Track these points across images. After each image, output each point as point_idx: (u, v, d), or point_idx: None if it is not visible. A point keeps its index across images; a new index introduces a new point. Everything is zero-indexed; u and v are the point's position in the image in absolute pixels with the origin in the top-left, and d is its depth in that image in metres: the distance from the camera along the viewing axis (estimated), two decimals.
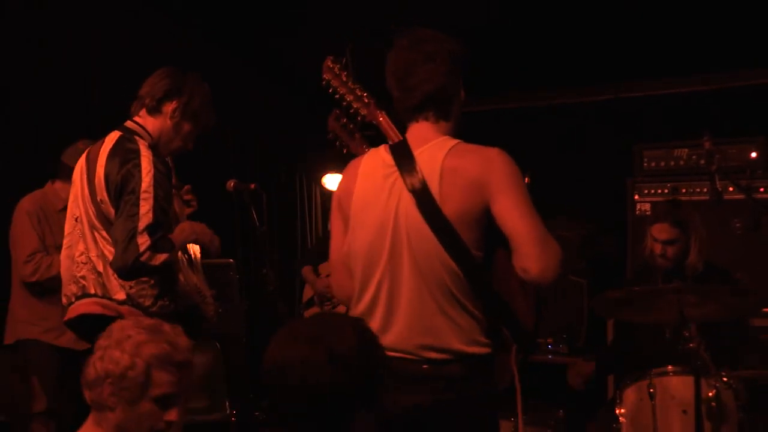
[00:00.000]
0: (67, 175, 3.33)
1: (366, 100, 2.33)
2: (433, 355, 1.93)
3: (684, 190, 4.41)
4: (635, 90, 5.56)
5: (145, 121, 2.60)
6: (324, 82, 2.38)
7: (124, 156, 2.44)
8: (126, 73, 3.94)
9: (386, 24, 2.36)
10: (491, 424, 2.04)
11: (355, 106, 2.34)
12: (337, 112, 2.46)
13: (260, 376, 1.60)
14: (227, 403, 3.77)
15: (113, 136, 2.53)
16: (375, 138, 2.39)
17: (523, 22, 4.62)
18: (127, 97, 2.68)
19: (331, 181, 5.90)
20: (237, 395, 3.90)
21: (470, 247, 1.91)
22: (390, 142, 2.22)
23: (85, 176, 2.54)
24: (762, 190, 4.10)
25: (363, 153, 2.36)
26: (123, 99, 2.72)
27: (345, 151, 2.47)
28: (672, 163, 4.52)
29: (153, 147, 2.53)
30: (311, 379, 1.52)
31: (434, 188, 1.92)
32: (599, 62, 5.13)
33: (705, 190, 4.15)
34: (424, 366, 1.93)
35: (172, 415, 1.92)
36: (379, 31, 2.34)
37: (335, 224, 2.17)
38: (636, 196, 4.57)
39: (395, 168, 1.99)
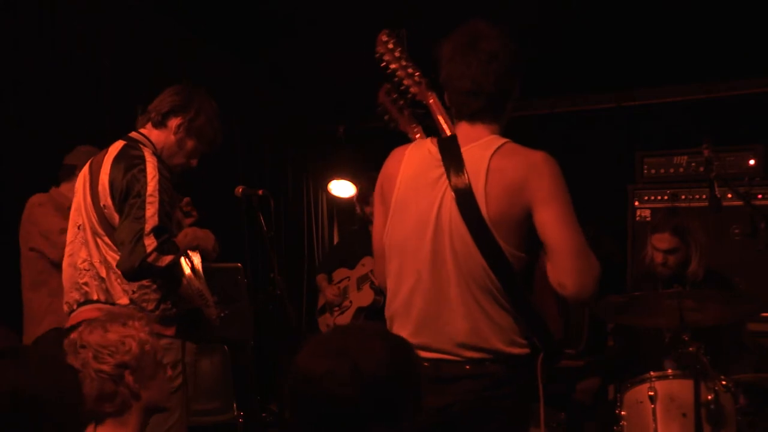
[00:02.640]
0: (69, 174, 3.33)
1: (417, 79, 2.24)
2: (475, 354, 1.89)
3: (683, 197, 4.47)
4: (636, 98, 5.62)
5: (149, 133, 2.63)
6: (377, 55, 2.30)
7: (129, 162, 2.47)
8: (132, 79, 4.04)
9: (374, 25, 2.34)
10: (525, 423, 2.01)
11: (405, 83, 2.26)
12: (388, 86, 2.39)
13: (284, 384, 1.59)
14: (235, 405, 3.81)
15: (117, 145, 2.56)
16: (425, 116, 2.34)
17: (523, 30, 4.66)
18: (135, 101, 2.73)
19: (337, 187, 5.95)
20: (244, 397, 3.94)
21: (510, 250, 1.87)
22: (440, 125, 2.16)
23: (87, 184, 2.57)
24: (760, 196, 4.15)
25: (411, 130, 2.34)
26: (130, 103, 2.77)
27: (393, 126, 2.41)
28: (672, 170, 4.57)
29: (157, 156, 2.56)
30: (333, 391, 1.49)
31: (478, 188, 1.87)
32: (601, 71, 5.18)
33: (704, 196, 4.19)
34: (467, 366, 1.90)
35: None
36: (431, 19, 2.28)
37: (377, 210, 2.10)
38: (636, 203, 4.63)
39: (441, 163, 1.94)
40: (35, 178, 3.51)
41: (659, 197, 4.55)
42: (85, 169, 2.63)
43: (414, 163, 2.00)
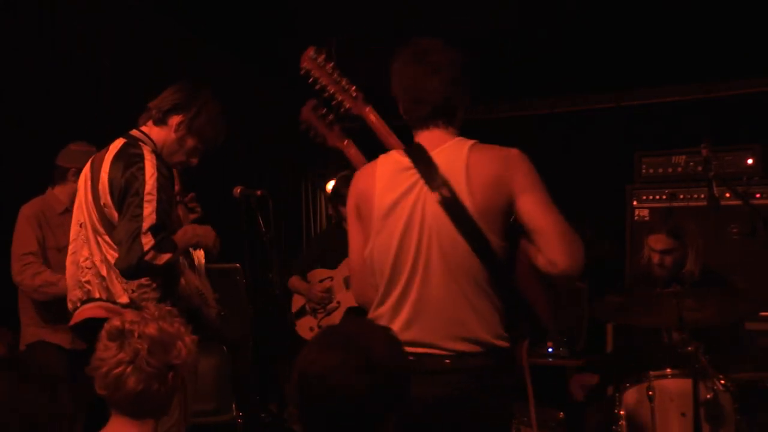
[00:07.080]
0: (62, 176, 3.37)
1: (353, 94, 2.29)
2: (459, 345, 1.96)
3: (682, 197, 4.49)
4: (635, 98, 5.64)
5: (150, 130, 2.63)
6: (303, 71, 2.34)
7: (128, 160, 2.47)
8: (132, 79, 4.05)
9: (378, 25, 2.34)
10: (507, 416, 2.09)
11: (339, 98, 2.31)
12: (314, 102, 2.41)
13: (293, 381, 1.60)
14: (234, 405, 3.82)
15: (117, 143, 2.56)
16: (355, 131, 2.37)
17: (524, 32, 4.68)
18: (135, 101, 2.74)
19: None
20: (244, 397, 3.94)
21: (494, 240, 1.97)
22: (382, 135, 2.24)
23: (89, 182, 2.57)
24: (758, 196, 4.17)
25: (343, 145, 2.37)
26: (130, 103, 2.77)
27: (320, 141, 2.42)
28: (670, 169, 4.59)
29: (156, 154, 2.56)
30: (343, 385, 1.52)
31: (459, 186, 1.97)
32: (600, 71, 5.20)
33: (703, 196, 4.20)
34: (446, 360, 1.96)
35: None
36: (363, 30, 2.31)
37: (353, 227, 2.16)
38: (635, 202, 4.65)
39: (415, 170, 2.03)
40: (35, 178, 3.51)
41: (658, 197, 4.57)
42: (87, 166, 2.63)
43: (387, 176, 2.08)
